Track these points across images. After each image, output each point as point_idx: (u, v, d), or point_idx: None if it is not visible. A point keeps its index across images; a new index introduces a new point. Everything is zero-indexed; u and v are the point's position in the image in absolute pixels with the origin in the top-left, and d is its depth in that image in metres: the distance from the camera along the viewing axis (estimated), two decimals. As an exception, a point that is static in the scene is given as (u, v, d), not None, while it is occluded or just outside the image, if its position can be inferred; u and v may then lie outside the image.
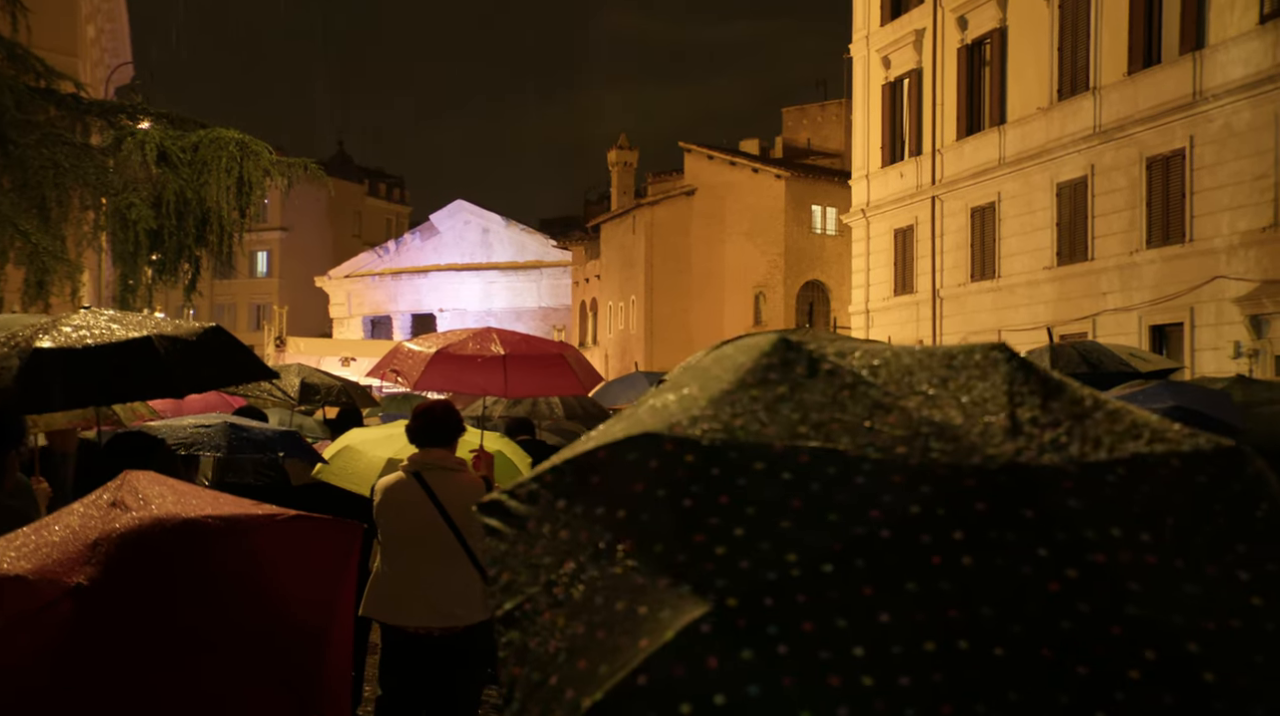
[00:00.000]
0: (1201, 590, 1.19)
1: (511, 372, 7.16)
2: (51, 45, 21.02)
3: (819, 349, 1.47)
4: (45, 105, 17.69)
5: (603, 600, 1.24)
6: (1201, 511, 1.28)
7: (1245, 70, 19.10)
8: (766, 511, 1.25)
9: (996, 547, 1.19)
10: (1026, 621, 1.14)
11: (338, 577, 2.17)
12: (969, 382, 1.41)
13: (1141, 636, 1.15)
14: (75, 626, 1.88)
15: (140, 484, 2.24)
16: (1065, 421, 1.34)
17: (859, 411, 1.36)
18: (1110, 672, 1.12)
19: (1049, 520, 1.21)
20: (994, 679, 1.11)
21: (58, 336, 4.22)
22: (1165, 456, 1.31)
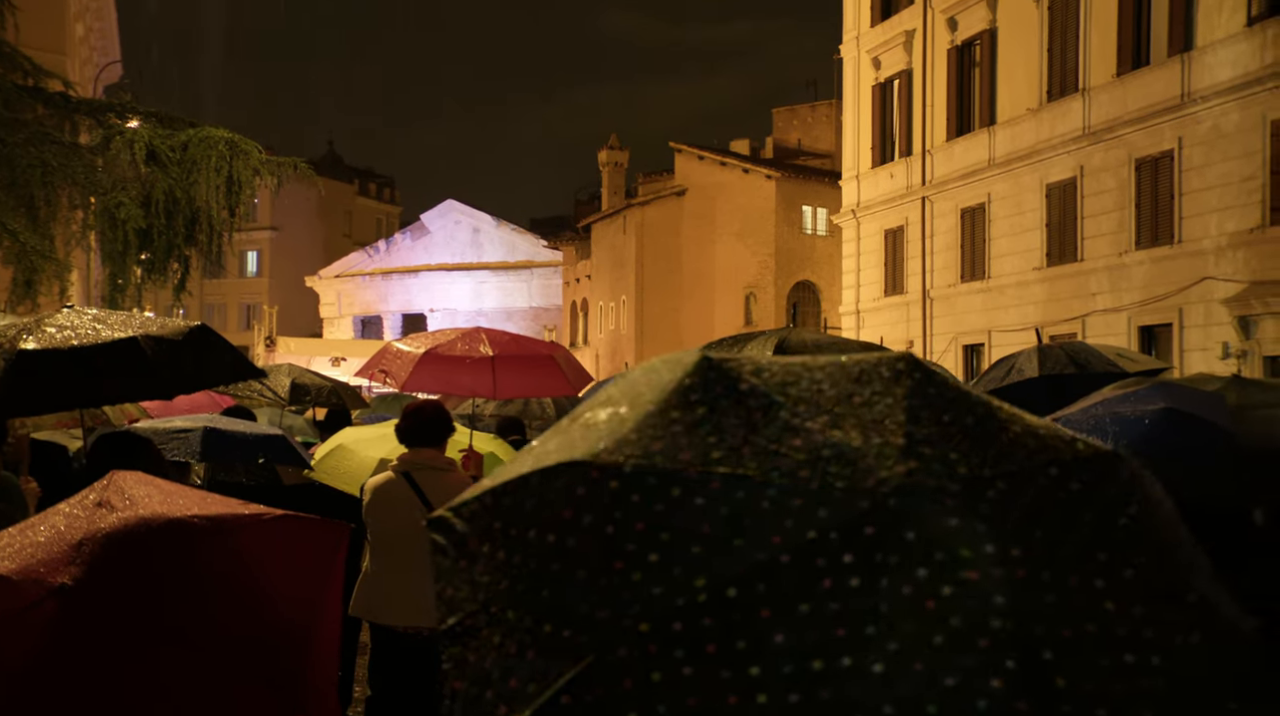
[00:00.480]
0: (1061, 599, 1.27)
1: (500, 373, 7.15)
2: (40, 44, 20.93)
3: (737, 369, 1.52)
4: (33, 104, 17.63)
5: (532, 622, 1.30)
6: (1070, 520, 1.35)
7: (1233, 72, 19.17)
8: (680, 537, 1.30)
9: (881, 570, 1.26)
10: (903, 638, 1.22)
11: (324, 577, 2.16)
12: (871, 399, 1.47)
13: (1005, 647, 1.22)
14: (60, 627, 1.87)
15: (127, 484, 2.23)
16: (957, 437, 1.41)
17: (769, 434, 1.41)
18: (975, 683, 1.20)
19: (929, 541, 1.28)
20: (872, 693, 1.20)
21: (42, 337, 4.15)
22: (1045, 466, 1.38)
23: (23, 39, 17.47)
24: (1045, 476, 1.37)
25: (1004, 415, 1.48)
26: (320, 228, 69.79)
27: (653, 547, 1.30)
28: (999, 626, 1.24)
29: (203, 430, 6.00)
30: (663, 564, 1.29)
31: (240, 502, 2.29)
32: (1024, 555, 1.29)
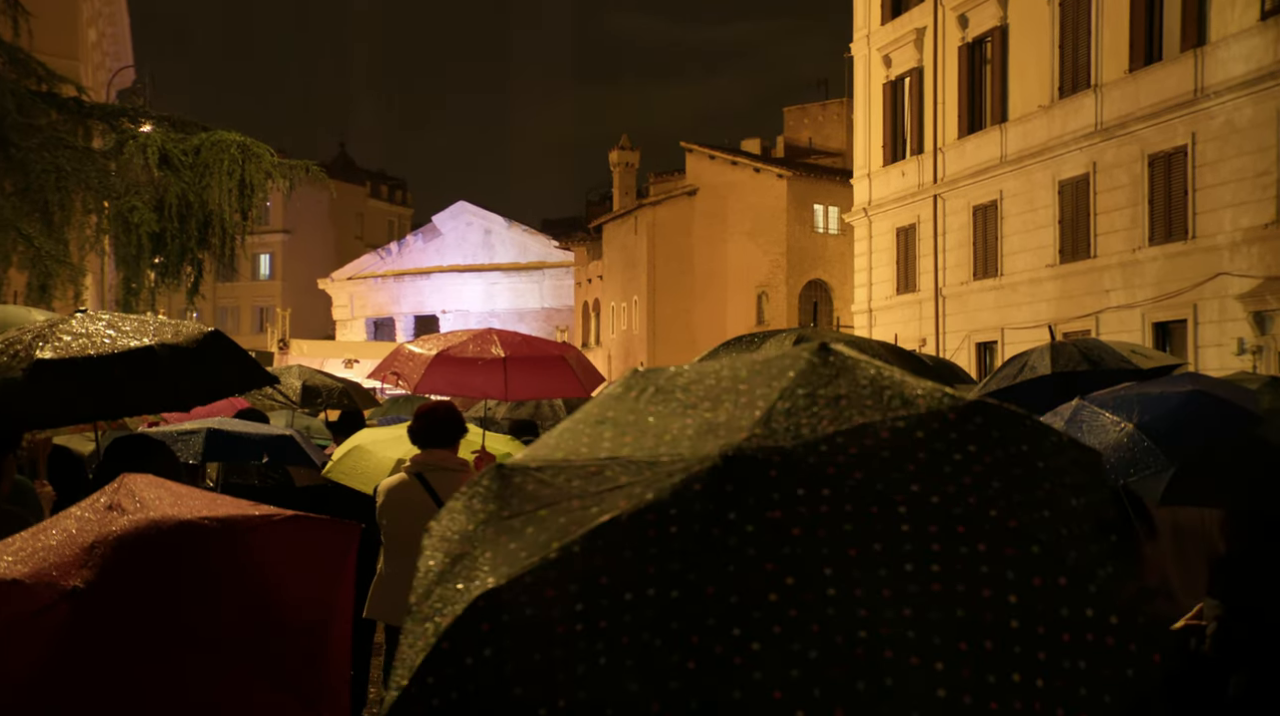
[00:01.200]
0: (856, 527, 1.49)
1: (512, 375, 7.15)
2: (53, 49, 21.05)
3: (655, 376, 1.85)
4: (47, 109, 17.70)
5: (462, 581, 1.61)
6: (897, 461, 1.55)
7: (1247, 67, 19.07)
8: (551, 512, 1.60)
9: (701, 517, 1.50)
10: (708, 571, 1.46)
11: (336, 578, 2.17)
12: (758, 384, 1.73)
13: (785, 571, 1.45)
14: (72, 630, 1.88)
15: (138, 486, 2.23)
16: (819, 406, 1.64)
17: (654, 421, 1.72)
18: (751, 595, 1.44)
19: (745, 490, 1.52)
20: (693, 612, 1.44)
21: (58, 346, 4.12)
22: (889, 421, 1.60)
23: (36, 45, 17.55)
24: (889, 428, 1.59)
25: (887, 383, 1.68)
26: (332, 230, 69.99)
27: (530, 522, 1.60)
28: (788, 553, 1.46)
29: (206, 431, 6.04)
30: (533, 534, 1.57)
31: (251, 504, 2.29)
32: (832, 494, 1.51)
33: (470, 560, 1.60)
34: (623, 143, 49.03)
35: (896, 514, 1.48)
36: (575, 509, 1.57)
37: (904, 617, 1.39)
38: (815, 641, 1.38)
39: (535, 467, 1.69)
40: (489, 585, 1.52)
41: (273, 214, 63.16)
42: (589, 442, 1.73)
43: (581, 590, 1.48)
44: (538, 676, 1.45)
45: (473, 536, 1.64)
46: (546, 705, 1.43)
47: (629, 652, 1.43)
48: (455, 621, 1.52)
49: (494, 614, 1.50)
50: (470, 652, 1.50)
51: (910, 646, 1.37)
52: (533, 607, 1.49)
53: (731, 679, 1.38)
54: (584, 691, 1.42)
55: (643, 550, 1.49)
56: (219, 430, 6.15)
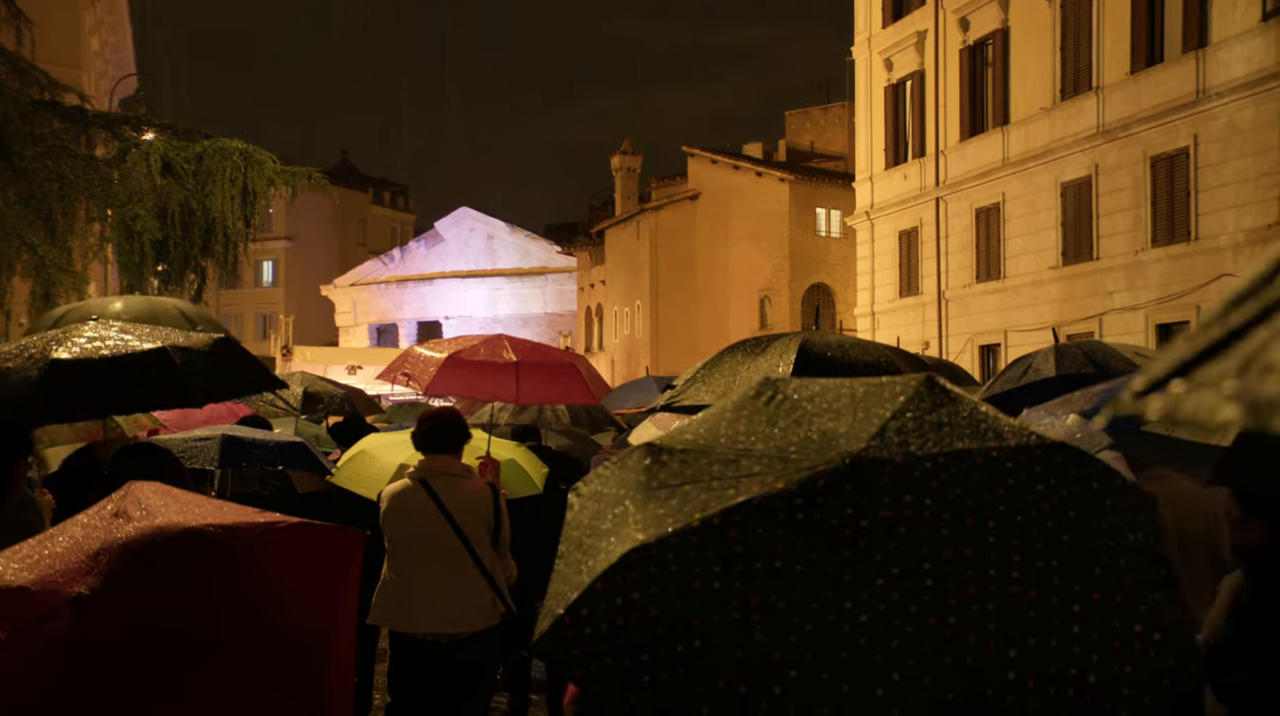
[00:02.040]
0: (952, 534, 1.77)
1: (524, 380, 7.17)
2: (55, 58, 21.08)
3: (785, 386, 2.17)
4: (50, 118, 17.72)
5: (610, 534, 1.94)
6: (991, 486, 1.83)
7: (1248, 68, 19.06)
8: (694, 487, 1.92)
9: (823, 508, 1.80)
10: (827, 553, 1.76)
11: (340, 584, 2.17)
12: (873, 403, 2.03)
13: (891, 562, 1.75)
14: (77, 637, 1.88)
15: (144, 494, 2.24)
16: (925, 429, 1.94)
17: (783, 424, 2.03)
18: (862, 577, 1.74)
19: (862, 489, 1.82)
20: (813, 584, 1.74)
21: (73, 347, 4.26)
22: (984, 449, 1.90)
23: (38, 54, 17.57)
24: (984, 456, 1.88)
25: (983, 421, 1.98)
26: (335, 236, 70.03)
27: (674, 494, 1.90)
28: (893, 547, 1.75)
29: (222, 437, 6.06)
30: (678, 505, 1.87)
31: (256, 511, 2.29)
32: (934, 504, 1.80)
33: (622, 519, 1.90)
34: (624, 147, 49.04)
35: (986, 527, 1.77)
36: (715, 488, 1.88)
37: (986, 611, 1.68)
38: (912, 620, 1.68)
39: (680, 449, 2.01)
40: (639, 540, 1.82)
41: (275, 221, 63.20)
42: (728, 435, 2.04)
43: (718, 555, 1.78)
44: (677, 621, 1.75)
45: (624, 498, 1.94)
46: (685, 644, 1.73)
47: (757, 610, 1.72)
48: (609, 567, 1.81)
49: (643, 565, 1.80)
50: (620, 594, 1.80)
51: (989, 635, 1.66)
52: (676, 564, 1.79)
53: (841, 643, 1.67)
54: (717, 637, 1.71)
55: (772, 528, 1.80)
56: (234, 437, 6.18)
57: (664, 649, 1.73)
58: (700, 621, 1.73)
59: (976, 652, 1.64)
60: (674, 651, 1.73)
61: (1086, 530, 1.79)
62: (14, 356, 4.20)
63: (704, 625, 1.72)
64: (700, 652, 1.71)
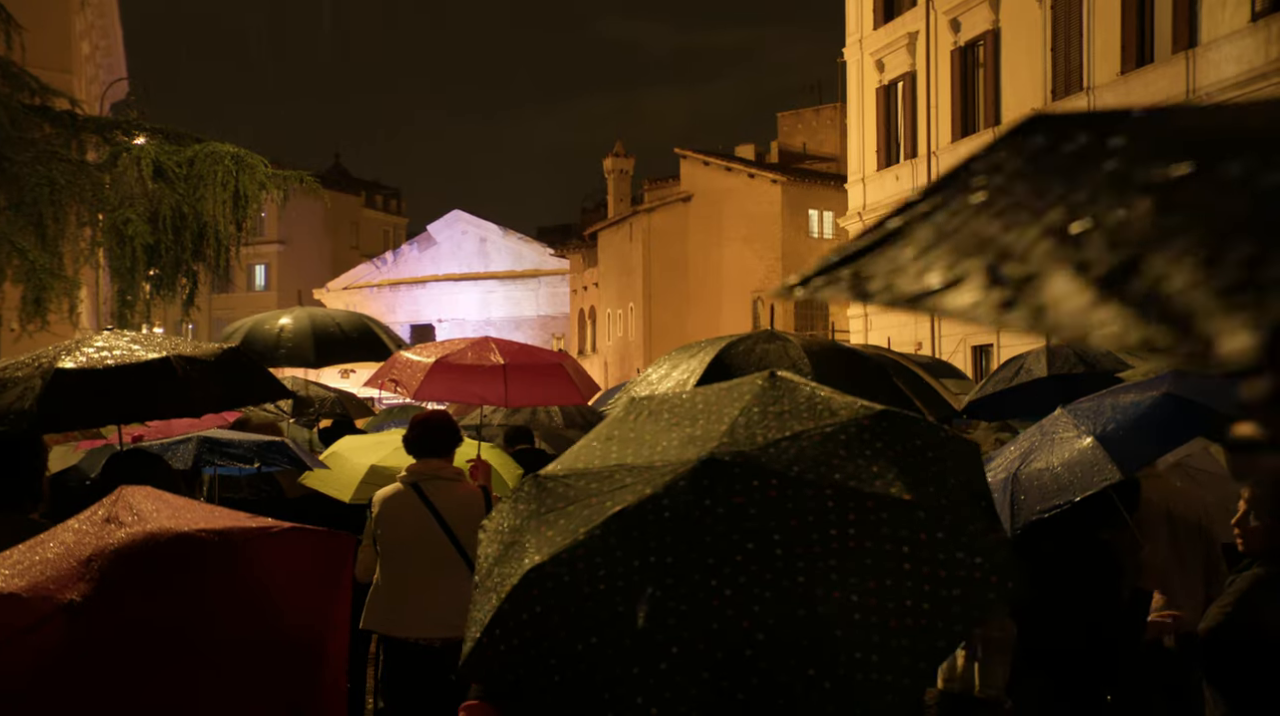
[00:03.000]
0: (796, 506, 2.07)
1: (512, 382, 7.16)
2: (46, 63, 21.03)
3: (650, 401, 2.47)
4: (40, 122, 17.68)
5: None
6: (825, 457, 2.13)
7: (1238, 68, 19.13)
8: (575, 506, 2.18)
9: (685, 504, 2.09)
10: (693, 541, 2.05)
11: (332, 588, 2.17)
12: (725, 404, 2.31)
13: (746, 538, 2.05)
14: (68, 643, 1.87)
15: (135, 499, 2.23)
16: (769, 418, 2.22)
17: (649, 436, 2.30)
18: (723, 556, 2.03)
19: (715, 482, 2.10)
20: (682, 570, 2.03)
21: (80, 357, 4.32)
22: (820, 427, 2.20)
23: (29, 58, 17.52)
24: (820, 433, 2.18)
25: (820, 404, 2.28)
26: (327, 240, 69.93)
27: (561, 515, 2.17)
28: (749, 527, 2.03)
29: (197, 438, 6.07)
30: (565, 524, 2.14)
31: (248, 516, 2.29)
32: (779, 483, 2.08)
33: (520, 546, 2.17)
34: (617, 149, 49.04)
35: (824, 495, 2.07)
36: (594, 503, 2.15)
37: (831, 566, 1.99)
38: (769, 585, 1.97)
39: (562, 475, 2.29)
40: (535, 561, 2.09)
41: (267, 225, 63.08)
42: (600, 455, 2.31)
43: (603, 560, 2.05)
44: (575, 623, 2.01)
45: (520, 528, 2.21)
46: (583, 643, 1.99)
47: (639, 600, 1.98)
48: (513, 589, 2.08)
49: (541, 581, 2.06)
50: (525, 610, 2.06)
51: (834, 585, 1.97)
52: (569, 575, 2.05)
53: (712, 616, 1.95)
54: (610, 631, 1.96)
55: (644, 529, 2.07)
56: (209, 437, 6.19)
57: (567, 650, 2.01)
58: (593, 621, 2.01)
59: (825, 601, 1.95)
60: (575, 651, 2.00)
61: (911, 481, 2.09)
62: (25, 365, 4.31)
63: (596, 623, 2.00)
64: (597, 647, 1.98)
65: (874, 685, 1.89)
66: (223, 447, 6.19)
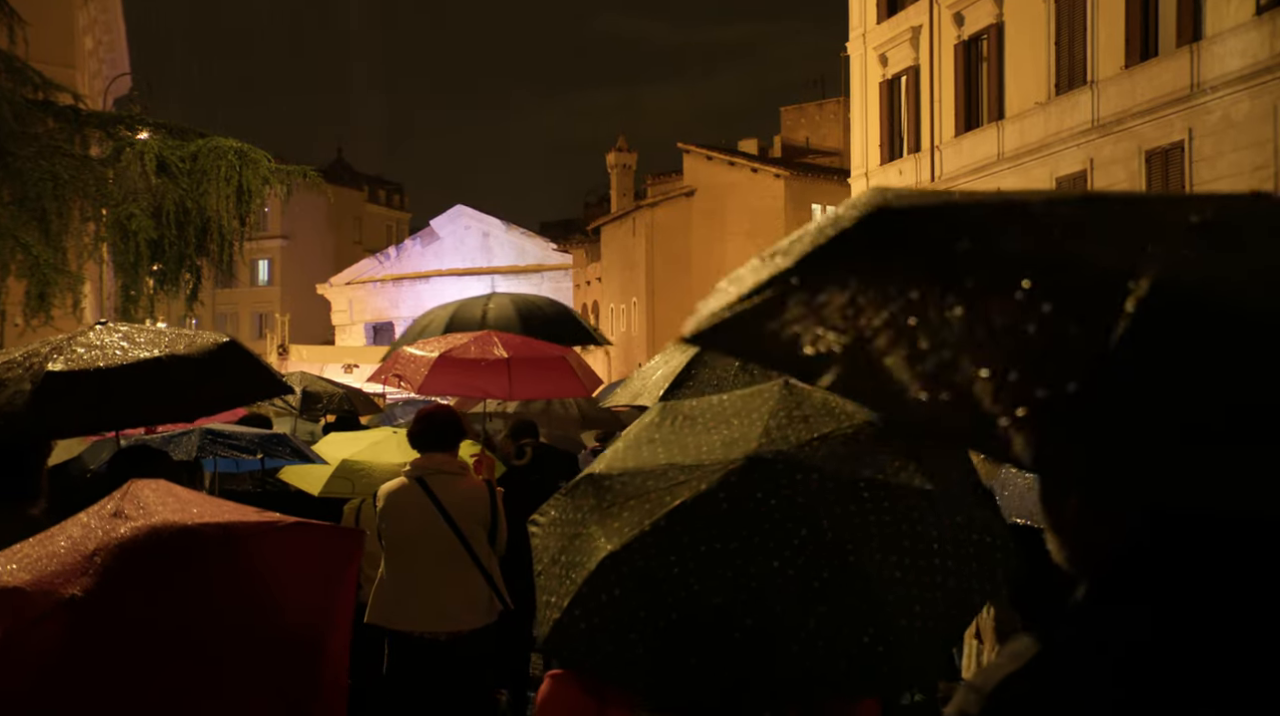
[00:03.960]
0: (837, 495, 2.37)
1: (516, 375, 7.16)
2: (49, 58, 21.02)
3: (677, 406, 2.74)
4: (44, 117, 17.67)
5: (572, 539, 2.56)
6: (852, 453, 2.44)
7: (1243, 61, 19.08)
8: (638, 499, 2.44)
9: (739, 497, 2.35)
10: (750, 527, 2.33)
11: (336, 585, 2.16)
12: (752, 409, 2.60)
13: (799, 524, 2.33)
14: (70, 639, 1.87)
15: (143, 493, 2.23)
16: (795, 421, 2.52)
17: (690, 437, 2.57)
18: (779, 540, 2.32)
19: (764, 477, 2.38)
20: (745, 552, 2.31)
21: (71, 358, 4.14)
22: (841, 429, 2.49)
23: (32, 53, 17.51)
24: (842, 435, 2.48)
25: (835, 407, 2.55)
26: (330, 235, 69.96)
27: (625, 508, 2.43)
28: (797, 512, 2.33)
29: (200, 431, 6.09)
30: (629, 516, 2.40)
31: (255, 511, 2.29)
32: (820, 477, 2.38)
33: (587, 537, 2.42)
34: (620, 144, 49.00)
35: (859, 487, 2.37)
36: (654, 498, 2.40)
37: (874, 547, 2.28)
38: (825, 565, 2.25)
39: (616, 474, 2.54)
40: (609, 549, 2.34)
41: (271, 220, 63.10)
42: (648, 456, 2.56)
43: (673, 547, 2.30)
44: (655, 602, 2.27)
45: (583, 521, 2.47)
46: (664, 620, 2.25)
47: (709, 580, 2.24)
48: (591, 574, 2.33)
49: (616, 567, 2.31)
50: (605, 591, 2.31)
51: (879, 563, 2.26)
52: (642, 560, 2.31)
53: (777, 592, 2.22)
54: (687, 608, 2.23)
55: (706, 520, 2.33)
56: (212, 429, 6.21)
57: (648, 626, 2.26)
58: (671, 600, 2.26)
59: (875, 577, 2.26)
60: (656, 626, 2.26)
61: (927, 474, 2.42)
62: (18, 365, 4.12)
63: (675, 601, 2.26)
64: (677, 623, 2.25)
65: (919, 639, 2.23)
66: (225, 439, 6.21)
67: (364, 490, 6.29)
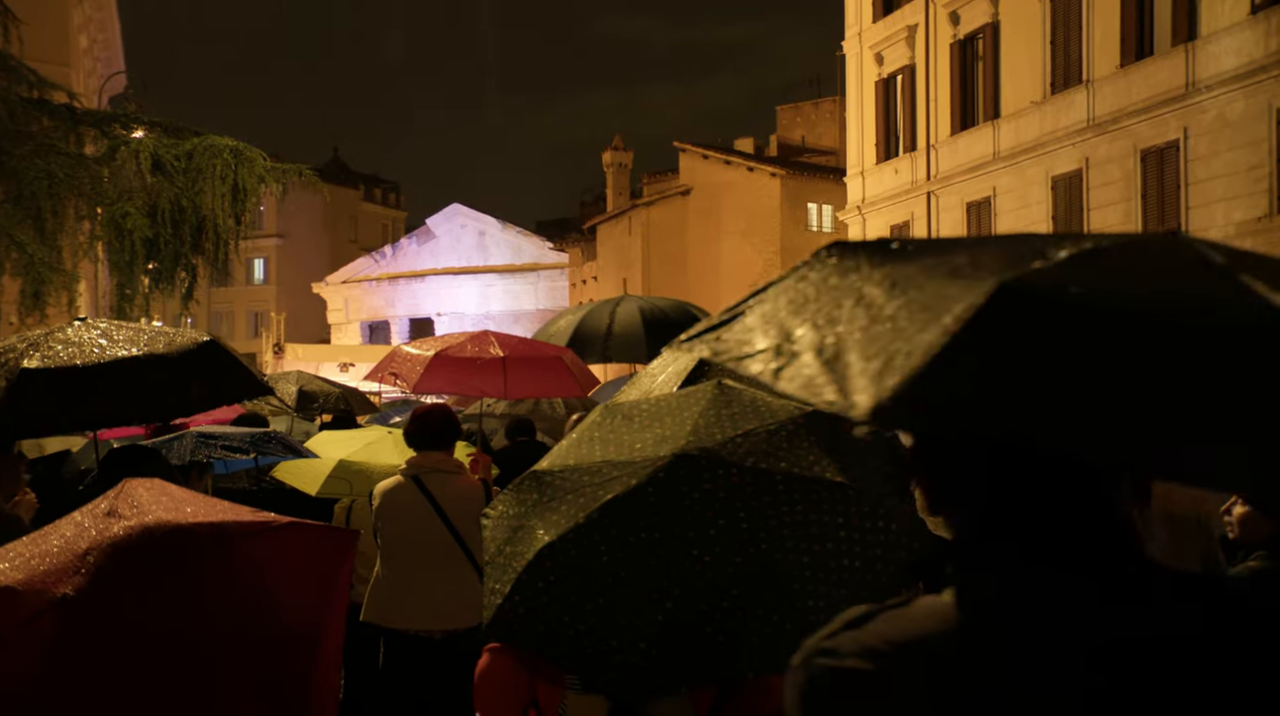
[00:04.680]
0: (754, 489, 2.56)
1: (511, 374, 7.16)
2: (44, 56, 20.98)
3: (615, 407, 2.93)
4: (38, 116, 17.64)
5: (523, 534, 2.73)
6: (771, 448, 2.64)
7: (1238, 60, 19.10)
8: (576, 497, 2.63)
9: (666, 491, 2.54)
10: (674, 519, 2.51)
11: (330, 584, 2.16)
12: (685, 408, 2.81)
13: (718, 516, 2.52)
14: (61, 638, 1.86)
15: (137, 492, 2.23)
16: (723, 419, 2.72)
17: (625, 437, 2.76)
18: (700, 530, 2.52)
19: (689, 473, 2.56)
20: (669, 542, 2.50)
21: (47, 355, 4.08)
22: (765, 426, 2.70)
23: (26, 52, 17.48)
24: (766, 430, 2.68)
25: (761, 403, 2.77)
26: (326, 234, 69.89)
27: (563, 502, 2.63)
28: (718, 505, 2.52)
29: (194, 433, 6.10)
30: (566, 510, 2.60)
31: (250, 510, 2.28)
32: (739, 473, 2.57)
33: (529, 528, 2.61)
34: (616, 143, 48.99)
35: (775, 479, 2.56)
36: (588, 493, 2.60)
37: (785, 535, 2.48)
38: (738, 552, 2.44)
39: (557, 470, 2.73)
40: (546, 540, 2.53)
41: (266, 218, 63.06)
42: (586, 453, 2.74)
43: (602, 538, 2.49)
44: (585, 588, 2.45)
45: (526, 513, 2.66)
46: (592, 603, 2.42)
47: (635, 568, 2.44)
48: (529, 563, 2.52)
49: (553, 556, 2.49)
50: (541, 578, 2.49)
51: (789, 550, 2.46)
52: (575, 550, 2.49)
53: (695, 578, 2.41)
54: (614, 593, 2.41)
55: (635, 512, 2.51)
56: (204, 432, 6.23)
57: (579, 609, 2.45)
58: (600, 585, 2.45)
59: (783, 563, 2.45)
60: (585, 609, 2.45)
61: (840, 466, 2.61)
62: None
63: (603, 587, 2.44)
64: (604, 606, 2.43)
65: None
66: (218, 441, 6.21)
67: (361, 490, 6.29)
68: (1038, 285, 1.08)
